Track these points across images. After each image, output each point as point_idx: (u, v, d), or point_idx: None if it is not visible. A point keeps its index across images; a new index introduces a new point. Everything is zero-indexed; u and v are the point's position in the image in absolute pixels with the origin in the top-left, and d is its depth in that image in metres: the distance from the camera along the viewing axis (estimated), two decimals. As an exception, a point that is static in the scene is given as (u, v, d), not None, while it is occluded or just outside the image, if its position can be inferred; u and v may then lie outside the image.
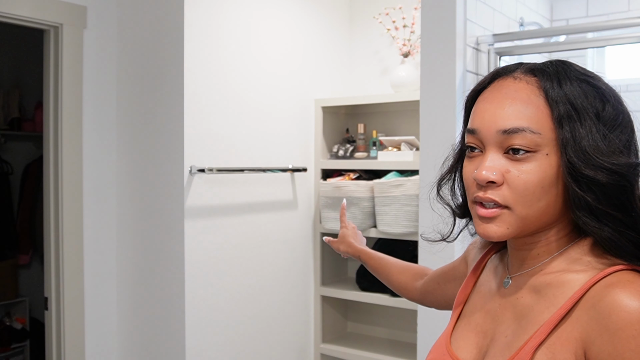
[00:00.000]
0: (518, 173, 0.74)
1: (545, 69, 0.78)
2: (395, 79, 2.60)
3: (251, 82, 2.39)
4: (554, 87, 0.75)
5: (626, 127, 0.77)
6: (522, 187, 0.74)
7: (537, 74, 0.77)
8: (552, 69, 0.78)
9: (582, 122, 0.74)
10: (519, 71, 0.79)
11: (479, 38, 2.11)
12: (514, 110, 0.75)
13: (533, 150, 0.74)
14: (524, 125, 0.74)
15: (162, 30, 2.20)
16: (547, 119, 0.74)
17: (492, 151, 0.76)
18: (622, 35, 2.00)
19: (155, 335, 2.25)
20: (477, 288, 0.93)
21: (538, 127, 0.74)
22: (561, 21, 2.81)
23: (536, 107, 0.75)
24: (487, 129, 0.76)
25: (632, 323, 0.66)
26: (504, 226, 0.76)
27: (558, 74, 0.77)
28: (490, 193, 0.75)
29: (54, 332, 2.23)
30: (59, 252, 2.21)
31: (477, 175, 0.76)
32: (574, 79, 0.76)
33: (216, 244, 2.25)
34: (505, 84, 0.78)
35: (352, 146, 2.73)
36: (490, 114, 0.76)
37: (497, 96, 0.77)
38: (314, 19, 2.73)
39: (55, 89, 2.22)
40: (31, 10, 2.12)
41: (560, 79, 0.76)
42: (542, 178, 0.74)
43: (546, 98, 0.75)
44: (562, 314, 0.73)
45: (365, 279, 2.65)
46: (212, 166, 2.18)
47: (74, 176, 2.25)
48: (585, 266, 0.76)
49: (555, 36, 2.37)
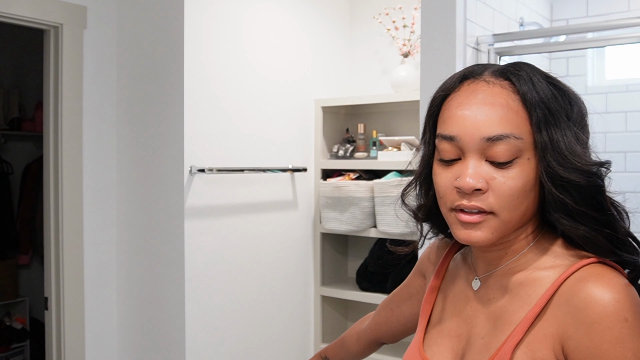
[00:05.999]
0: (504, 179, 0.74)
1: (517, 72, 0.77)
2: (395, 79, 2.60)
3: (251, 82, 2.39)
4: (530, 90, 0.75)
5: (586, 126, 0.82)
6: (507, 194, 0.74)
7: (511, 77, 0.76)
8: (524, 72, 0.77)
9: (558, 125, 0.74)
10: (488, 74, 0.78)
11: (479, 38, 2.11)
12: (495, 116, 0.74)
13: (516, 156, 0.74)
14: (507, 132, 0.73)
15: (162, 30, 2.20)
16: (526, 124, 0.74)
17: (473, 158, 0.75)
18: (622, 35, 2.00)
19: (155, 335, 2.25)
20: (442, 292, 0.92)
21: (520, 132, 0.74)
22: (561, 21, 2.81)
23: (515, 112, 0.74)
24: (470, 136, 0.75)
25: (607, 315, 0.67)
26: (489, 232, 0.75)
27: (529, 76, 0.76)
28: (475, 201, 0.74)
29: (54, 332, 2.23)
30: (59, 252, 2.21)
31: (461, 183, 0.74)
32: (544, 82, 0.76)
33: (216, 244, 2.25)
34: (479, 88, 0.77)
35: (352, 146, 2.73)
36: (470, 121, 0.75)
37: (473, 101, 0.76)
38: (314, 19, 2.73)
39: (55, 89, 2.22)
40: (31, 10, 2.12)
41: (534, 82, 0.76)
42: (525, 182, 0.74)
43: (523, 102, 0.75)
44: (537, 312, 0.73)
45: (365, 279, 2.65)
46: (212, 166, 2.18)
47: (74, 176, 2.24)
48: (553, 262, 0.77)
49: (555, 36, 2.37)
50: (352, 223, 2.58)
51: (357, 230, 2.59)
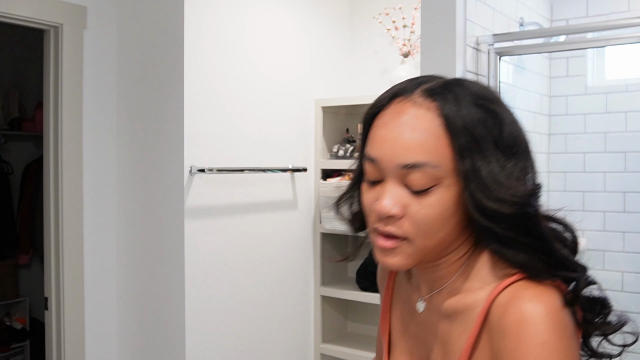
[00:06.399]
0: (419, 207, 0.71)
1: (444, 93, 0.73)
2: (395, 79, 2.60)
3: (251, 82, 2.39)
4: (454, 114, 0.71)
5: (523, 150, 0.75)
6: (423, 222, 0.72)
7: (437, 99, 0.72)
8: (451, 93, 0.73)
9: (482, 154, 0.71)
10: (418, 94, 0.74)
11: (479, 38, 2.11)
12: (413, 142, 0.71)
13: (434, 184, 0.71)
14: (423, 160, 0.70)
15: (162, 30, 2.20)
16: (447, 149, 0.71)
17: (391, 182, 0.73)
18: (622, 35, 2.00)
19: (155, 335, 2.25)
20: (394, 313, 0.90)
21: (438, 159, 0.70)
22: (561, 21, 2.81)
23: (436, 137, 0.71)
24: (387, 161, 0.72)
25: (539, 333, 0.66)
26: (403, 257, 0.74)
27: (457, 99, 0.72)
28: (390, 226, 0.73)
29: (54, 332, 2.23)
30: (59, 252, 2.21)
31: (377, 207, 0.73)
32: (472, 104, 0.72)
33: (216, 244, 2.25)
34: (405, 109, 0.73)
35: (352, 146, 2.73)
36: (390, 144, 0.72)
37: (396, 123, 0.73)
38: (314, 19, 2.73)
39: (55, 89, 2.22)
40: (31, 10, 2.12)
41: (460, 105, 0.72)
42: (443, 210, 0.71)
43: (447, 127, 0.71)
44: (473, 341, 0.72)
45: (365, 279, 2.65)
46: (212, 166, 2.18)
47: (74, 176, 2.24)
48: (482, 282, 0.75)
49: (555, 36, 2.37)
50: (352, 223, 2.57)
51: (357, 230, 2.59)
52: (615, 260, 2.71)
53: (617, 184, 2.69)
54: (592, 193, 2.77)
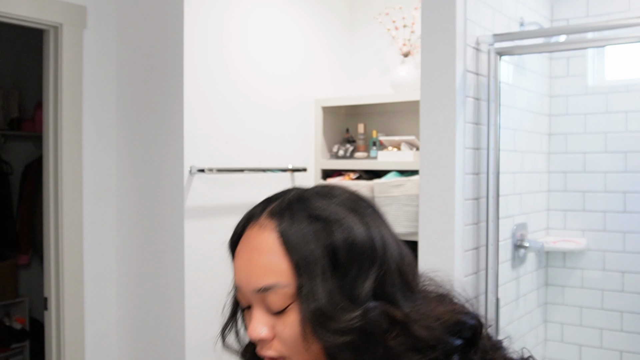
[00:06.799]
0: (283, 327, 0.71)
1: (283, 210, 0.72)
2: (395, 79, 2.60)
3: (251, 82, 2.38)
4: (287, 231, 0.70)
5: (367, 257, 0.70)
6: (290, 340, 0.71)
7: (276, 218, 0.72)
8: (289, 210, 0.72)
9: (315, 271, 0.68)
10: (263, 216, 0.74)
11: (479, 38, 2.11)
12: (261, 266, 0.71)
13: (290, 302, 0.70)
14: (272, 282, 0.70)
15: (162, 30, 2.20)
16: (291, 268, 0.70)
17: (256, 307, 0.73)
18: (622, 35, 2.00)
19: (155, 335, 2.25)
20: None
21: (286, 279, 0.69)
22: (561, 21, 2.81)
23: (280, 257, 0.70)
24: (245, 288, 0.73)
25: None
26: None
27: (292, 215, 0.71)
28: (265, 349, 0.73)
29: (53, 332, 2.23)
30: (59, 252, 2.21)
31: (248, 334, 0.74)
32: (306, 219, 0.71)
33: (216, 244, 2.24)
34: (253, 234, 0.74)
35: (352, 146, 2.73)
36: (244, 272, 0.74)
37: (246, 250, 0.74)
38: (314, 19, 2.73)
39: (55, 89, 2.22)
40: (31, 10, 2.12)
41: (294, 221, 0.71)
42: (304, 326, 0.69)
43: (283, 245, 0.70)
44: None
45: (366, 279, 2.65)
46: (212, 166, 2.18)
47: (74, 176, 2.24)
48: None
49: (556, 36, 2.37)
50: (352, 223, 2.57)
51: (357, 231, 2.59)
52: (615, 261, 2.71)
53: (618, 184, 2.69)
54: (592, 193, 2.77)
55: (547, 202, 2.88)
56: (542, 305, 2.86)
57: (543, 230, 2.85)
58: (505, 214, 2.35)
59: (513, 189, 2.51)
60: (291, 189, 0.77)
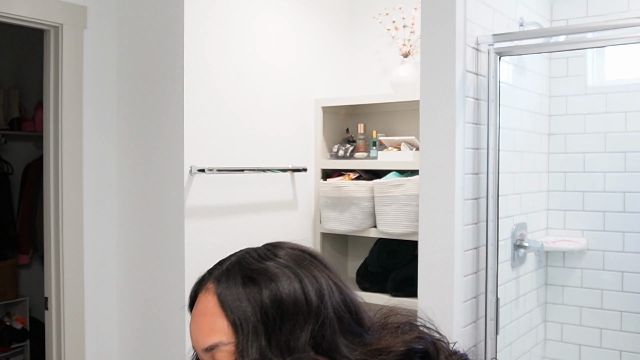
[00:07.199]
0: None
1: (222, 276, 0.78)
2: (395, 79, 2.60)
3: (251, 82, 2.39)
4: (223, 293, 0.75)
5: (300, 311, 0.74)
6: None
7: (216, 281, 0.78)
8: (228, 272, 0.78)
9: (249, 334, 0.72)
10: (210, 280, 0.79)
11: (478, 38, 2.11)
12: (205, 326, 0.76)
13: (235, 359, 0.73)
14: (215, 341, 0.74)
15: (162, 30, 2.20)
16: (230, 327, 0.74)
17: None
18: (622, 35, 2.00)
19: (156, 335, 2.25)
20: None
21: (226, 337, 0.74)
22: (561, 21, 2.81)
23: (220, 317, 0.75)
24: (197, 348, 0.78)
25: None
26: None
27: (229, 280, 0.77)
28: None
29: (54, 332, 2.23)
30: (59, 252, 2.21)
31: None
32: (241, 283, 0.76)
33: (216, 244, 2.25)
34: (200, 299, 0.79)
35: (352, 146, 2.73)
36: (194, 334, 0.78)
37: (195, 313, 0.80)
38: (314, 19, 2.73)
39: (55, 89, 2.22)
40: (31, 10, 2.12)
41: (230, 286, 0.76)
42: None
43: (222, 308, 0.75)
44: None
45: (365, 279, 2.65)
46: (212, 166, 2.18)
47: (74, 176, 2.25)
48: None
49: (555, 36, 2.37)
50: (352, 223, 2.58)
51: (357, 230, 2.59)
52: (615, 261, 2.71)
53: (617, 184, 2.70)
54: (592, 193, 2.77)
55: (547, 202, 2.88)
56: (541, 305, 2.86)
57: (543, 230, 2.86)
58: (505, 214, 2.35)
59: (513, 189, 2.51)
60: (238, 252, 0.83)
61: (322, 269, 0.80)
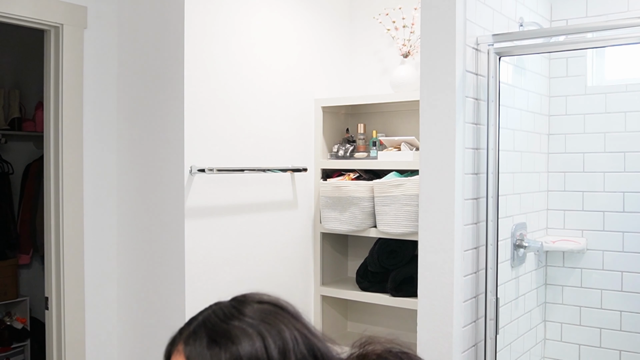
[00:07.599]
0: None
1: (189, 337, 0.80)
2: (395, 79, 2.60)
3: (251, 82, 2.39)
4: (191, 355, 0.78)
5: None
6: None
7: (185, 344, 0.80)
8: (195, 334, 0.80)
9: None
10: (180, 342, 0.81)
11: (478, 38, 2.11)
12: None
13: None
14: None
15: (162, 30, 2.20)
16: None
17: None
18: (622, 35, 2.00)
19: (156, 335, 2.25)
20: None
21: None
22: (561, 21, 2.81)
23: None
24: None
25: None
26: None
27: (196, 342, 0.79)
28: None
29: (54, 331, 2.23)
30: (60, 252, 2.22)
31: None
32: (206, 345, 0.78)
33: (216, 244, 2.25)
34: (172, 358, 0.82)
35: (352, 146, 2.73)
36: None
37: None
38: (314, 19, 2.74)
39: (55, 89, 2.22)
40: (31, 10, 2.12)
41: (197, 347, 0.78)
42: None
43: None
44: None
45: (365, 279, 2.66)
46: (212, 166, 2.18)
47: (75, 176, 2.25)
48: None
49: (555, 36, 2.37)
50: (352, 223, 2.58)
51: (357, 230, 2.60)
52: (614, 260, 2.71)
53: (617, 184, 2.70)
54: (591, 193, 2.77)
55: (547, 202, 2.88)
56: (541, 305, 2.86)
57: (542, 230, 2.86)
58: (504, 214, 2.35)
59: (512, 189, 2.51)
60: (205, 309, 0.86)
61: (289, 320, 0.83)
